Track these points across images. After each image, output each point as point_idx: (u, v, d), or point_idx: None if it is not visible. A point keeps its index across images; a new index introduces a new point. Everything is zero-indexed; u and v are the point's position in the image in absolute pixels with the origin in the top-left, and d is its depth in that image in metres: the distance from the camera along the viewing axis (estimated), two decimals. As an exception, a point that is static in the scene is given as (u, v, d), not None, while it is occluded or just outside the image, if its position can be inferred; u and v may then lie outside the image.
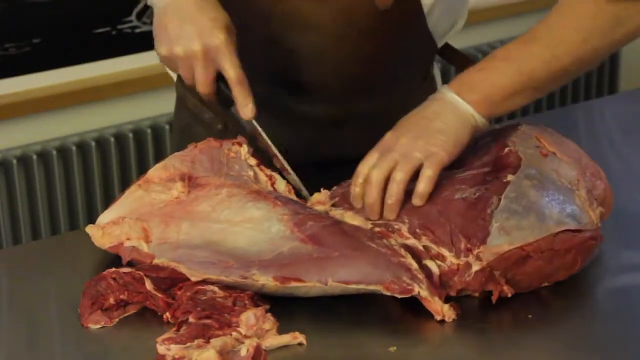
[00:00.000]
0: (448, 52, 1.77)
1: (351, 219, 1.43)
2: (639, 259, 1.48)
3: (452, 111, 1.44)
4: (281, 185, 1.50)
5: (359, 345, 1.28)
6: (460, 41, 1.82)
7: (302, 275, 1.32)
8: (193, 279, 1.34)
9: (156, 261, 1.37)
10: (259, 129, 1.53)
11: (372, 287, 1.31)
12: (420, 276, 1.31)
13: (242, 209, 1.41)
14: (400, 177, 1.40)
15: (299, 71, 1.64)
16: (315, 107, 1.68)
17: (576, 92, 3.43)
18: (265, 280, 1.33)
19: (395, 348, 1.26)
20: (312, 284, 1.32)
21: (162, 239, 1.40)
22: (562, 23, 1.46)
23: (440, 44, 1.72)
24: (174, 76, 1.77)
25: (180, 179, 1.47)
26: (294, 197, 1.49)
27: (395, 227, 1.39)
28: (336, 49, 1.61)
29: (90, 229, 1.44)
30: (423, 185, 1.40)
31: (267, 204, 1.42)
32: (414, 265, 1.32)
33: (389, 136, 1.45)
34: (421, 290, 1.30)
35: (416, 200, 1.40)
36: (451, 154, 1.42)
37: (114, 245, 1.41)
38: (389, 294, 1.31)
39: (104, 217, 1.45)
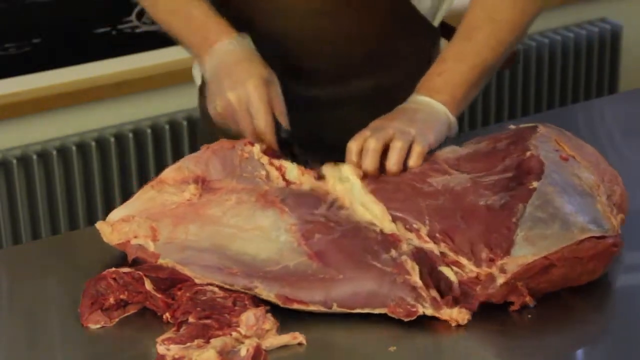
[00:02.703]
0: (447, 31, 1.77)
1: (373, 205, 1.42)
2: (638, 259, 1.48)
3: (428, 110, 1.53)
4: (293, 173, 1.49)
5: (359, 345, 1.29)
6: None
7: (305, 297, 1.32)
8: (197, 281, 1.34)
9: (161, 261, 1.37)
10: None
11: (377, 311, 1.31)
12: (425, 294, 1.31)
13: (251, 217, 1.41)
14: (400, 145, 1.45)
15: (286, 56, 1.67)
16: (313, 89, 1.70)
17: (576, 92, 3.42)
18: (267, 297, 1.33)
19: (395, 348, 1.26)
20: (315, 307, 1.32)
21: (170, 238, 1.40)
22: (495, 4, 1.55)
23: (435, 22, 1.73)
24: (198, 81, 1.78)
25: (193, 182, 1.47)
26: (308, 179, 1.48)
27: (415, 226, 1.39)
28: (319, 29, 1.64)
29: (100, 225, 1.44)
30: (415, 161, 1.46)
31: (275, 211, 1.41)
32: (419, 283, 1.32)
33: (377, 121, 1.52)
34: (425, 309, 1.30)
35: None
36: (433, 143, 1.49)
37: (121, 243, 1.42)
38: (394, 317, 1.31)
39: (115, 215, 1.46)
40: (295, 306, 1.32)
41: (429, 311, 1.30)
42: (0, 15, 2.62)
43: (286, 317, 1.31)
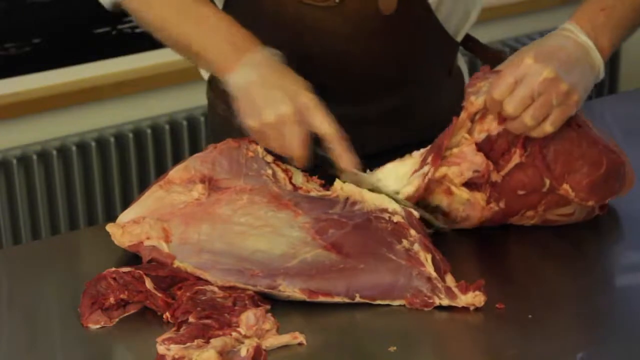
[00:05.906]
0: (470, 44, 1.76)
1: (388, 179, 1.46)
2: (638, 259, 1.48)
3: (585, 61, 1.43)
4: (298, 178, 1.50)
5: (359, 345, 1.29)
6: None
7: (330, 289, 1.34)
8: (220, 283, 1.35)
9: (178, 264, 1.37)
10: (359, 173, 1.49)
11: (396, 303, 1.34)
12: (440, 285, 1.33)
13: (263, 216, 1.42)
14: (552, 130, 1.41)
15: (312, 74, 1.63)
16: (337, 108, 1.66)
17: (576, 92, 3.42)
18: (292, 292, 1.34)
19: (395, 348, 1.26)
20: (340, 299, 1.34)
21: (183, 239, 1.40)
22: None
23: (459, 38, 1.71)
24: (206, 75, 1.76)
25: (200, 181, 1.47)
26: (312, 186, 1.49)
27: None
28: (347, 52, 1.61)
29: (110, 228, 1.44)
30: (555, 126, 1.41)
31: (288, 214, 1.42)
32: (433, 274, 1.34)
33: (528, 58, 1.41)
34: (441, 300, 1.33)
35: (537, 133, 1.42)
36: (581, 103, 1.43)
37: (134, 244, 1.41)
38: (412, 307, 1.33)
39: (124, 216, 1.45)
40: (321, 298, 1.33)
41: (445, 301, 1.33)
42: (0, 15, 2.63)
43: (286, 317, 1.31)
